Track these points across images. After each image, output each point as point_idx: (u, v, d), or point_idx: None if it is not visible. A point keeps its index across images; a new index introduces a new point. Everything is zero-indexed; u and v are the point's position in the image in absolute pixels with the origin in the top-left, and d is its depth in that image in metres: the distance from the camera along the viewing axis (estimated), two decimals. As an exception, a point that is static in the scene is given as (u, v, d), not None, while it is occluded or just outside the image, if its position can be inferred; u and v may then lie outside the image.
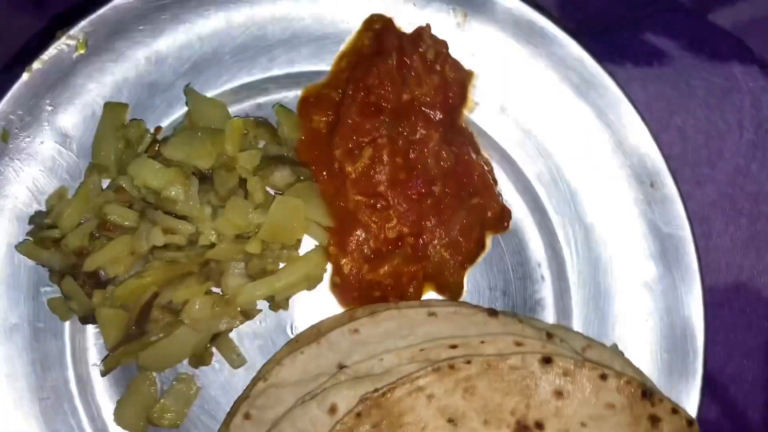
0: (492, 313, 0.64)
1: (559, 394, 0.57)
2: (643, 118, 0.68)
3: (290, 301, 0.69)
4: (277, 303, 0.68)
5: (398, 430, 0.56)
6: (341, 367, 0.63)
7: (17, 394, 0.65)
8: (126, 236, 0.64)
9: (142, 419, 0.66)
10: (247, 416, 0.63)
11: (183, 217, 0.64)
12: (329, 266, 0.69)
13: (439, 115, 0.69)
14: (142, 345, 0.64)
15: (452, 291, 0.69)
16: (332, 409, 0.59)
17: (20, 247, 0.65)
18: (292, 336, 0.69)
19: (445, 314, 0.65)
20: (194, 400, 0.67)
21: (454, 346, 0.63)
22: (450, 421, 0.59)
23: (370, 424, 0.55)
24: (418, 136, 0.68)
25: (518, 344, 0.63)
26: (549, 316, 0.69)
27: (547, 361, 0.58)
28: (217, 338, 0.67)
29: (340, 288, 0.69)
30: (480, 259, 0.70)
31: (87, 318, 0.64)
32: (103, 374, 0.66)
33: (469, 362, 0.57)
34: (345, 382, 0.61)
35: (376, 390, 0.59)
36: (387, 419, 0.55)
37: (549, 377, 0.56)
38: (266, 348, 0.69)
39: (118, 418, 0.66)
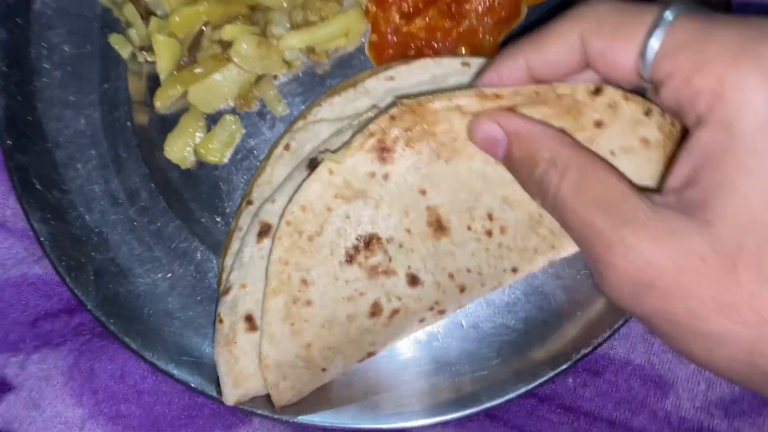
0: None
1: (599, 124, 0.58)
2: None
3: (330, 63, 0.73)
4: (317, 53, 0.72)
5: (429, 138, 0.60)
6: (375, 108, 0.68)
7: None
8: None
9: (189, 153, 0.72)
10: (287, 147, 0.69)
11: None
12: (367, 24, 0.72)
13: None
14: (193, 75, 0.69)
15: (486, 54, 0.72)
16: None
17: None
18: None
19: (478, 65, 0.68)
20: (238, 140, 0.72)
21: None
22: None
23: (403, 127, 0.59)
24: None
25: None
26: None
27: (596, 91, 0.57)
28: (261, 81, 0.72)
29: (376, 46, 0.73)
30: (515, 26, 0.73)
31: (144, 47, 0.69)
32: (158, 108, 0.71)
33: (518, 93, 0.58)
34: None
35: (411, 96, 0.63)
36: (420, 125, 0.59)
37: (595, 106, 0.57)
38: (306, 101, 0.73)
39: (168, 150, 0.71)
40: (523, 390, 0.65)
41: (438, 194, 0.62)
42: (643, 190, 0.51)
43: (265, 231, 0.65)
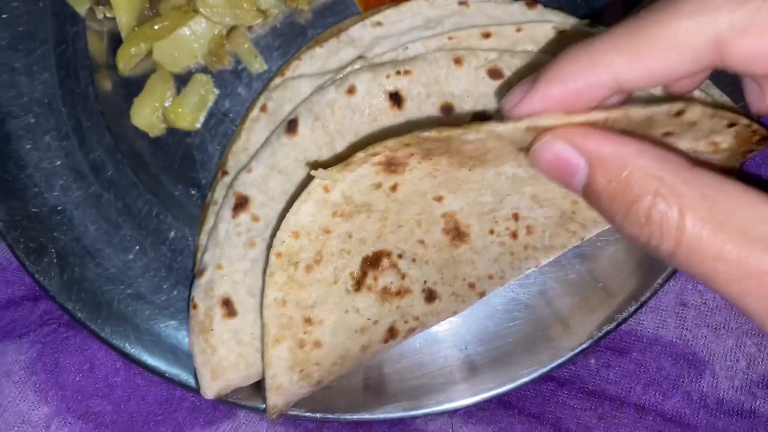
0: (531, 3, 0.59)
1: (668, 134, 0.47)
2: None
3: (311, 10, 0.65)
4: (297, 1, 0.64)
5: (453, 155, 0.48)
6: (361, 59, 0.60)
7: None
8: None
9: (158, 119, 0.64)
10: (263, 108, 0.61)
11: None
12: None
13: None
14: (156, 29, 0.61)
15: (486, -10, 0.64)
16: (350, 90, 0.56)
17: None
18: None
19: (478, 2, 0.60)
20: (210, 103, 0.64)
21: (487, 35, 0.58)
22: None
23: (420, 149, 0.47)
24: None
25: (560, 31, 0.58)
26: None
27: (679, 114, 0.48)
28: (234, 35, 0.64)
29: (363, -9, 0.65)
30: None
31: (101, 1, 0.61)
32: (122, 71, 0.63)
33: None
34: (365, 66, 0.58)
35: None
36: (443, 146, 0.48)
37: (672, 123, 0.49)
38: (285, 56, 0.65)
39: (135, 116, 0.64)
40: (539, 373, 0.57)
41: (456, 199, 0.53)
42: None
43: (241, 204, 0.58)
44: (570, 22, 0.59)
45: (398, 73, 0.56)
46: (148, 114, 0.64)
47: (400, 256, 0.55)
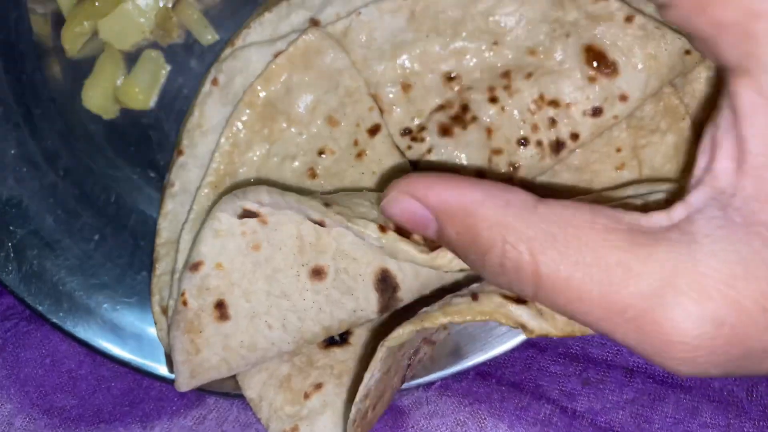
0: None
1: None
2: None
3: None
4: (244, -36, 0.61)
5: None
6: (314, 22, 0.57)
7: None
8: None
9: (111, 100, 0.61)
10: (214, 82, 0.57)
11: None
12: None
13: None
14: (97, 5, 0.58)
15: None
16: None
17: None
18: (264, 5, 0.62)
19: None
20: (163, 79, 0.61)
21: None
22: None
23: None
24: None
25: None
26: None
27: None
28: (181, 5, 0.60)
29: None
30: None
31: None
32: (69, 52, 0.60)
33: None
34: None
35: None
36: None
37: None
38: (238, 25, 0.61)
39: (86, 99, 0.61)
40: (518, 340, 0.55)
41: None
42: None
43: None
44: None
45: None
46: (100, 96, 0.61)
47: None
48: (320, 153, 0.56)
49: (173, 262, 0.56)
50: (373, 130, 0.56)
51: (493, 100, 0.54)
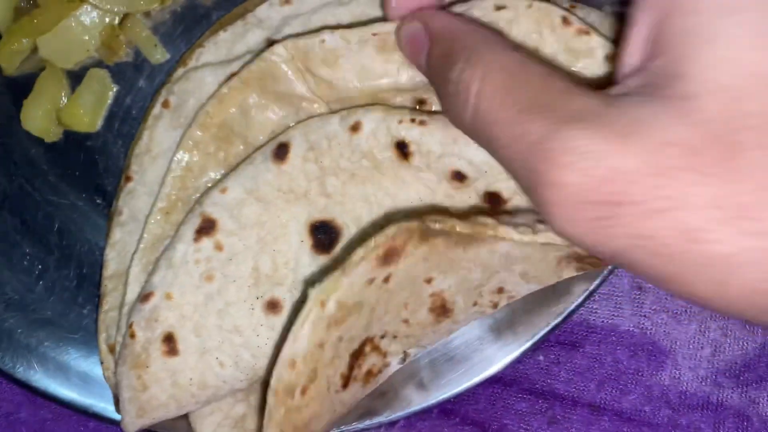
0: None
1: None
2: None
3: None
4: (196, -20, 0.58)
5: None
6: (271, 43, 0.54)
7: None
8: None
9: (52, 122, 0.57)
10: (165, 104, 0.54)
11: None
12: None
13: None
14: (37, 22, 0.55)
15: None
16: (354, 127, 0.49)
17: None
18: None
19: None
20: (110, 100, 0.58)
21: None
22: None
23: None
24: None
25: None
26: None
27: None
28: (129, 22, 0.57)
29: (272, -37, 0.58)
30: None
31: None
32: (6, 70, 0.56)
33: None
34: (377, 105, 0.50)
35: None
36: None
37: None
38: (189, 42, 0.58)
39: (26, 121, 0.57)
40: (481, 376, 0.53)
41: (446, 278, 0.48)
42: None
43: (206, 227, 0.50)
44: None
45: (412, 120, 0.48)
46: (41, 117, 0.57)
47: (382, 337, 0.49)
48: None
49: (121, 296, 0.53)
50: None
51: None
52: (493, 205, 0.48)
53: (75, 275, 0.57)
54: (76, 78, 0.58)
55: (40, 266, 0.57)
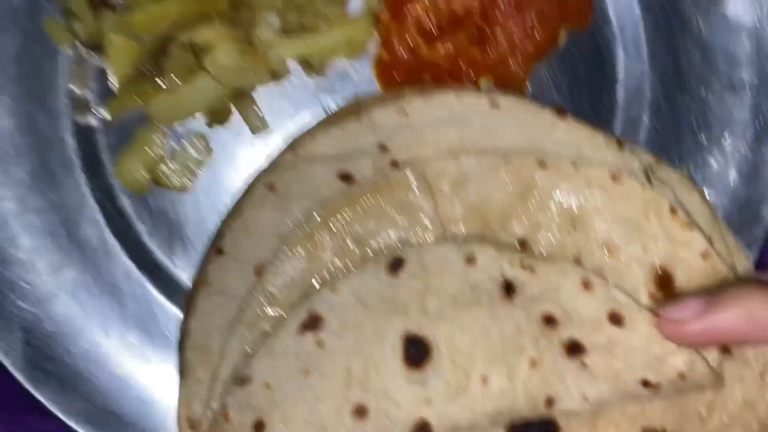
0: (561, 112, 0.57)
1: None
2: None
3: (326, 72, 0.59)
4: (313, 66, 0.59)
5: None
6: (382, 148, 0.57)
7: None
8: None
9: (146, 176, 0.58)
10: (271, 188, 0.56)
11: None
12: (377, 36, 0.59)
13: None
14: (156, 88, 0.54)
15: (513, 87, 0.61)
16: (470, 260, 0.52)
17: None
18: (324, 108, 0.60)
19: (508, 107, 0.57)
20: (206, 163, 0.59)
21: (542, 164, 0.54)
22: None
23: None
24: None
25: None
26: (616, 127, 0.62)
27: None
28: (240, 95, 0.58)
29: (385, 65, 0.60)
30: (548, 55, 0.62)
31: (90, 45, 0.53)
32: (109, 123, 0.57)
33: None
34: (489, 241, 0.54)
35: None
36: None
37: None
38: (292, 119, 0.60)
39: (119, 172, 0.58)
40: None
41: None
42: None
43: (312, 324, 0.53)
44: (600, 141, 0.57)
45: (522, 266, 0.52)
46: (135, 170, 0.58)
47: None
48: None
49: (208, 372, 0.55)
50: None
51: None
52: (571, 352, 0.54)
53: (145, 332, 0.58)
54: (173, 135, 0.58)
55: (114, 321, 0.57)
